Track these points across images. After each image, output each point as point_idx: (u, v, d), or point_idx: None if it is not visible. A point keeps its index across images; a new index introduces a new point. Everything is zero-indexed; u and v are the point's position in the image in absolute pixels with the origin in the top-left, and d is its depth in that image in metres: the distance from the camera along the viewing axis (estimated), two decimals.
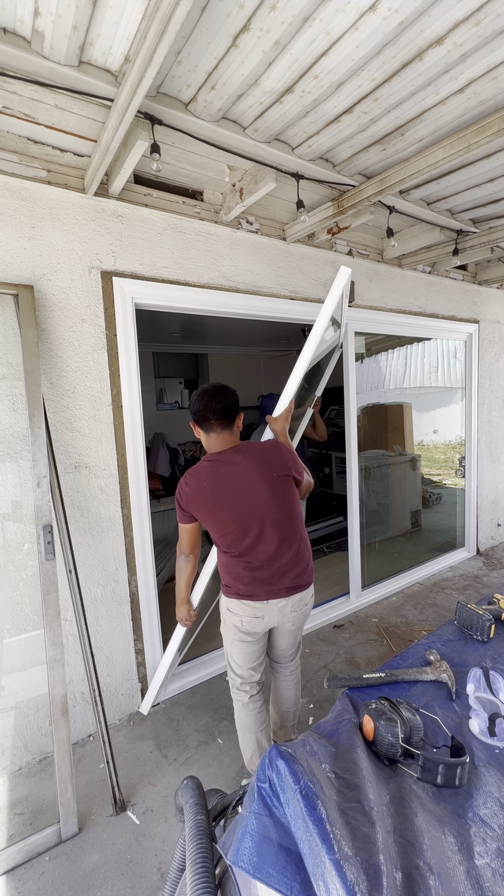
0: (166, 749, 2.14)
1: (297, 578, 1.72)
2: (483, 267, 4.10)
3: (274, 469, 1.65)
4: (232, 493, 1.62)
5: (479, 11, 1.35)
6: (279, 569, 1.68)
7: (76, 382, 2.10)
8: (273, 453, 1.69)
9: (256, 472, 1.63)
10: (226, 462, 1.65)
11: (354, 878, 0.70)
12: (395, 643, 2.91)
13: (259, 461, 1.65)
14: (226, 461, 1.65)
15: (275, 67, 1.54)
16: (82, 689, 2.19)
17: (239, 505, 1.62)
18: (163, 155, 1.95)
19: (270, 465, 1.65)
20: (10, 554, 1.98)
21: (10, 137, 1.86)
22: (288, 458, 1.70)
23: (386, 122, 1.88)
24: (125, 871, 1.60)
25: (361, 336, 3.40)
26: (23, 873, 1.62)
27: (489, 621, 1.57)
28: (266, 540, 1.64)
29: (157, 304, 2.34)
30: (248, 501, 1.61)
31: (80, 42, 1.41)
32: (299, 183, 2.20)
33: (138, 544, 2.33)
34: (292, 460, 1.71)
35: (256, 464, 1.64)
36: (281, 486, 1.65)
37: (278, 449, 1.71)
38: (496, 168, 2.27)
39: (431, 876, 0.76)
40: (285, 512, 1.66)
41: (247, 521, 1.62)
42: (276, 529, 1.64)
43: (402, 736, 1.00)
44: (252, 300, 2.65)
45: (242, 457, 1.64)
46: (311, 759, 0.92)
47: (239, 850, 0.77)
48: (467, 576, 3.98)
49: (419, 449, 5.07)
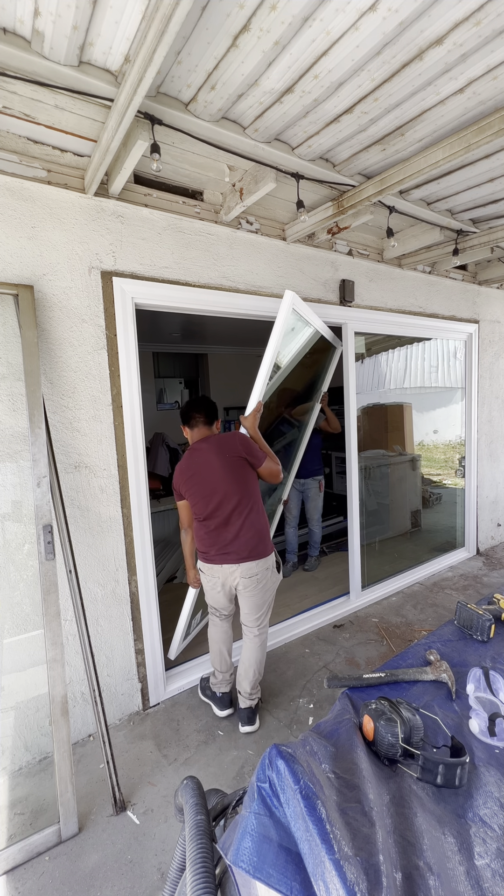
0: (166, 749, 2.14)
1: (248, 548, 2.10)
2: (483, 267, 4.10)
3: (227, 451, 2.09)
4: (198, 470, 2.10)
5: (479, 11, 1.35)
6: (232, 534, 2.09)
7: (76, 382, 2.10)
8: (229, 439, 2.13)
9: (215, 454, 2.09)
10: (197, 449, 2.15)
11: (354, 878, 0.70)
12: (395, 643, 2.91)
13: (217, 445, 2.11)
14: (197, 448, 2.15)
15: (275, 67, 1.54)
16: (82, 689, 2.19)
17: (202, 479, 2.09)
18: (163, 155, 1.95)
19: (225, 447, 2.10)
20: (10, 554, 1.98)
21: (10, 137, 1.85)
22: (240, 444, 2.11)
23: (386, 122, 1.88)
24: (125, 871, 1.60)
25: (361, 336, 3.40)
26: (23, 873, 1.62)
27: (489, 621, 1.56)
28: (222, 506, 2.08)
29: (157, 304, 2.34)
30: (208, 476, 2.08)
31: (80, 42, 1.41)
32: (299, 183, 2.20)
33: (138, 544, 2.33)
34: (245, 446, 2.11)
35: (215, 448, 2.10)
36: (234, 463, 2.09)
37: (234, 436, 2.13)
38: (496, 168, 2.27)
39: (431, 876, 0.76)
40: (237, 484, 2.08)
41: (208, 492, 2.08)
42: (230, 498, 2.07)
43: (402, 736, 1.00)
44: (252, 300, 2.65)
45: (206, 444, 2.13)
46: (311, 759, 0.92)
47: (239, 850, 0.77)
48: (467, 576, 3.98)
49: (419, 449, 5.07)
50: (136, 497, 2.30)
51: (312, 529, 4.12)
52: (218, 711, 2.33)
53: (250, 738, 2.17)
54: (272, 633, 2.99)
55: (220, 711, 2.33)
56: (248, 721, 2.22)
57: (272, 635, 2.97)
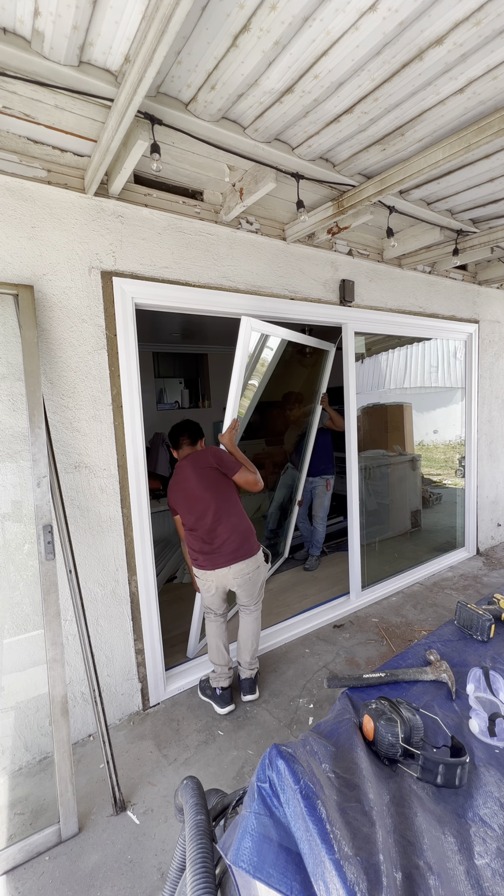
0: (166, 749, 2.14)
1: (236, 551, 2.28)
2: (483, 267, 4.10)
3: (200, 464, 2.30)
4: (181, 485, 2.32)
5: (479, 11, 1.35)
6: (219, 543, 2.27)
7: (76, 382, 2.10)
8: (202, 454, 2.34)
9: (191, 468, 2.30)
10: (180, 467, 2.36)
11: (354, 878, 0.70)
12: (395, 643, 2.91)
13: (192, 460, 2.32)
14: (180, 466, 2.37)
15: (275, 67, 1.54)
16: (82, 689, 2.19)
17: (185, 493, 2.30)
18: (163, 155, 1.95)
19: (199, 461, 2.31)
20: (10, 554, 1.98)
21: (10, 137, 1.85)
22: (212, 456, 2.31)
23: (386, 122, 1.88)
24: (125, 871, 1.60)
25: (361, 336, 3.40)
26: (23, 873, 1.62)
27: (489, 621, 1.56)
28: (205, 515, 2.26)
29: (157, 304, 2.34)
30: (188, 489, 2.28)
31: (80, 42, 1.41)
32: (299, 183, 2.20)
33: (138, 544, 2.33)
34: (216, 458, 2.31)
35: (191, 463, 2.31)
36: (207, 475, 2.28)
37: (207, 451, 2.35)
38: (496, 168, 2.27)
39: (431, 876, 0.76)
40: (212, 492, 2.26)
41: (190, 503, 2.28)
42: (209, 506, 2.25)
43: (403, 736, 1.00)
44: (252, 300, 2.65)
45: (186, 461, 2.35)
46: (311, 759, 0.92)
47: (239, 850, 0.77)
48: (467, 576, 3.98)
49: (419, 449, 5.07)
50: (136, 497, 2.30)
51: (316, 527, 4.12)
52: (218, 709, 2.34)
53: (250, 738, 2.17)
54: (272, 633, 3.00)
55: (221, 709, 2.33)
56: (249, 690, 2.43)
57: (272, 635, 2.98)
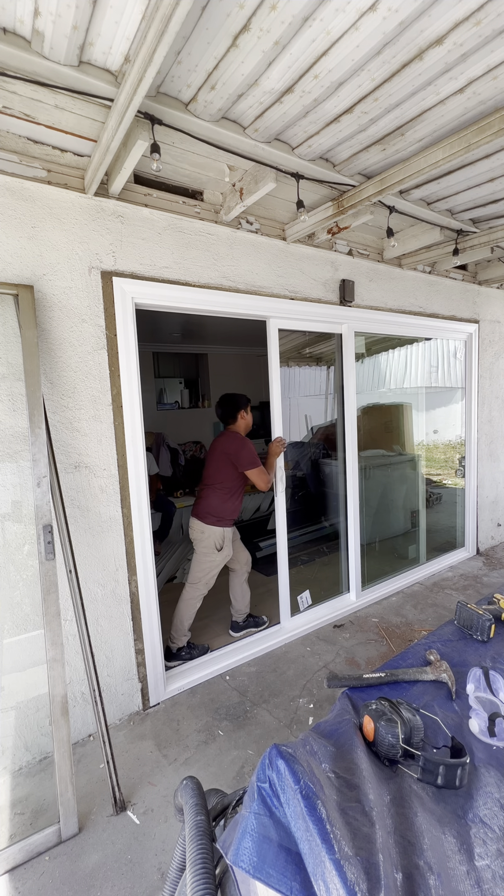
0: (166, 749, 2.14)
1: (196, 509, 2.83)
2: (483, 267, 4.10)
3: (222, 447, 2.79)
4: (210, 450, 2.91)
5: (479, 11, 1.35)
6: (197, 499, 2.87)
7: (76, 382, 2.10)
8: (231, 440, 2.77)
9: (217, 444, 2.84)
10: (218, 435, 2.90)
11: (354, 878, 0.70)
12: (395, 643, 2.91)
13: (222, 440, 2.82)
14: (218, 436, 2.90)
15: (275, 67, 1.54)
16: (82, 689, 2.19)
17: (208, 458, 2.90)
18: (163, 155, 1.94)
19: (223, 444, 2.79)
20: (10, 554, 1.98)
21: (10, 137, 1.85)
22: (232, 448, 2.73)
23: (386, 122, 1.88)
24: (125, 870, 1.60)
25: (361, 336, 3.40)
26: (23, 873, 1.62)
27: (489, 621, 1.56)
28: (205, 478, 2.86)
29: (157, 304, 2.34)
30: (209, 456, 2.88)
31: (80, 42, 1.41)
32: (299, 183, 2.20)
33: (138, 544, 2.33)
34: (235, 451, 2.72)
35: (220, 441, 2.83)
36: (220, 458, 2.78)
37: (235, 440, 2.76)
38: (496, 168, 2.27)
39: (432, 876, 0.76)
40: (214, 470, 2.80)
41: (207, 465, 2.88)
42: (209, 476, 2.83)
43: (403, 737, 1.00)
44: (252, 300, 2.65)
45: (219, 437, 2.87)
46: (311, 759, 0.92)
47: (239, 849, 0.77)
48: (467, 576, 3.98)
49: (419, 449, 5.07)
50: (136, 497, 2.30)
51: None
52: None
53: (250, 738, 2.17)
54: (272, 633, 3.00)
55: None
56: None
57: (272, 635, 2.99)
